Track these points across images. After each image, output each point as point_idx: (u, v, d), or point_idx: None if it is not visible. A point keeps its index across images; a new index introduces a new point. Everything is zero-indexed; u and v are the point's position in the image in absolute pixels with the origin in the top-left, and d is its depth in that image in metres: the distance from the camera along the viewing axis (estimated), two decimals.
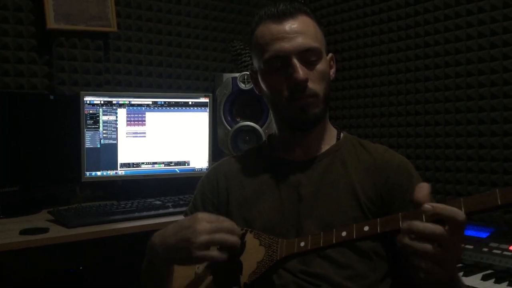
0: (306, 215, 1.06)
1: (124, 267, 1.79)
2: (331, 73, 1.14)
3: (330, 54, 1.15)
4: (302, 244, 0.91)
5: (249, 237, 0.99)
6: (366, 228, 0.83)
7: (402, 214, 0.80)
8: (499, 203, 0.74)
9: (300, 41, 1.05)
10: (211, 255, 0.91)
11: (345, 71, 2.53)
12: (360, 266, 1.04)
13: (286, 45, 1.05)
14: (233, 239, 0.92)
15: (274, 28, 1.07)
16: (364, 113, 2.45)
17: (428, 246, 0.73)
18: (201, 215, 0.95)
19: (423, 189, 0.77)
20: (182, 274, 1.03)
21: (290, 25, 1.06)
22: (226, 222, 0.95)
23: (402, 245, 0.75)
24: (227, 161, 1.26)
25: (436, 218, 0.74)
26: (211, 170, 1.24)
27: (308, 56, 1.06)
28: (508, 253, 1.56)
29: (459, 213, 0.73)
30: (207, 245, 0.90)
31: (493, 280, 1.46)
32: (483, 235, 1.72)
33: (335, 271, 1.03)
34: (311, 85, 1.05)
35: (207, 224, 0.92)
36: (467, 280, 1.47)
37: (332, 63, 1.15)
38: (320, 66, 1.07)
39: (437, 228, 0.73)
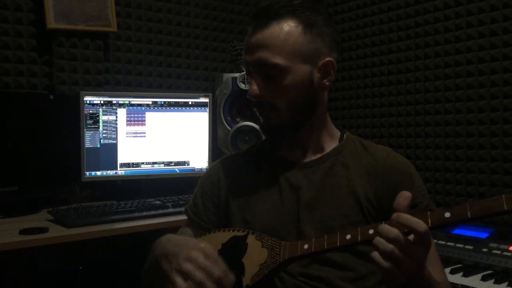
0: (306, 220, 1.06)
1: (124, 267, 1.80)
2: (323, 81, 1.08)
3: (326, 60, 1.06)
4: (306, 246, 0.90)
5: (251, 238, 0.99)
6: (371, 231, 0.83)
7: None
8: (505, 208, 0.75)
9: (257, 56, 1.04)
10: (179, 285, 0.85)
11: (345, 72, 2.53)
12: (360, 268, 1.04)
13: (247, 58, 1.07)
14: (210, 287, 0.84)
15: (247, 40, 1.09)
16: (364, 113, 2.45)
17: (389, 246, 0.79)
18: (206, 246, 0.89)
19: (403, 200, 0.83)
20: None
21: (257, 38, 1.05)
22: (220, 271, 0.86)
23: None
24: (228, 159, 1.25)
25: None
26: (212, 168, 1.24)
27: (266, 71, 1.04)
28: (508, 254, 1.56)
29: (421, 225, 0.78)
30: (185, 273, 0.85)
31: (492, 280, 1.46)
32: (483, 235, 1.71)
33: (335, 274, 1.02)
34: (268, 98, 1.05)
35: (201, 257, 0.86)
36: (467, 281, 1.47)
37: (330, 70, 1.08)
38: (284, 81, 1.03)
39: (399, 234, 0.79)
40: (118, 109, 2.10)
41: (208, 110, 2.26)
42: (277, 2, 1.05)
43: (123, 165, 2.11)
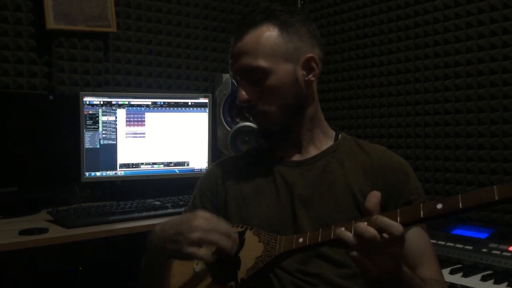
0: (302, 218, 1.07)
1: (124, 267, 1.79)
2: (308, 77, 1.11)
3: (307, 56, 1.09)
4: (301, 240, 0.91)
5: (248, 234, 1.00)
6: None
7: (400, 210, 0.81)
8: (496, 198, 0.75)
9: (240, 63, 1.08)
10: (199, 254, 0.90)
11: (344, 72, 2.54)
12: None
13: (232, 68, 1.12)
14: (225, 242, 0.91)
15: (230, 51, 1.12)
16: (364, 113, 2.45)
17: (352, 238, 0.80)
18: (201, 213, 0.95)
19: (373, 198, 0.83)
20: (181, 270, 1.03)
21: (238, 47, 1.09)
22: (224, 224, 0.95)
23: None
24: (226, 160, 1.27)
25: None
26: (211, 169, 1.25)
27: (251, 76, 1.08)
28: (508, 254, 1.56)
29: (396, 228, 0.78)
30: (198, 243, 0.90)
31: (492, 280, 1.46)
32: (483, 235, 1.72)
33: (332, 271, 1.03)
34: (258, 103, 1.09)
35: (204, 222, 0.92)
36: (466, 281, 1.47)
37: (313, 64, 1.10)
38: (268, 82, 1.07)
39: (370, 231, 0.79)
40: (117, 109, 2.10)
41: (207, 110, 2.26)
42: (253, 11, 1.12)
43: (123, 165, 2.11)
